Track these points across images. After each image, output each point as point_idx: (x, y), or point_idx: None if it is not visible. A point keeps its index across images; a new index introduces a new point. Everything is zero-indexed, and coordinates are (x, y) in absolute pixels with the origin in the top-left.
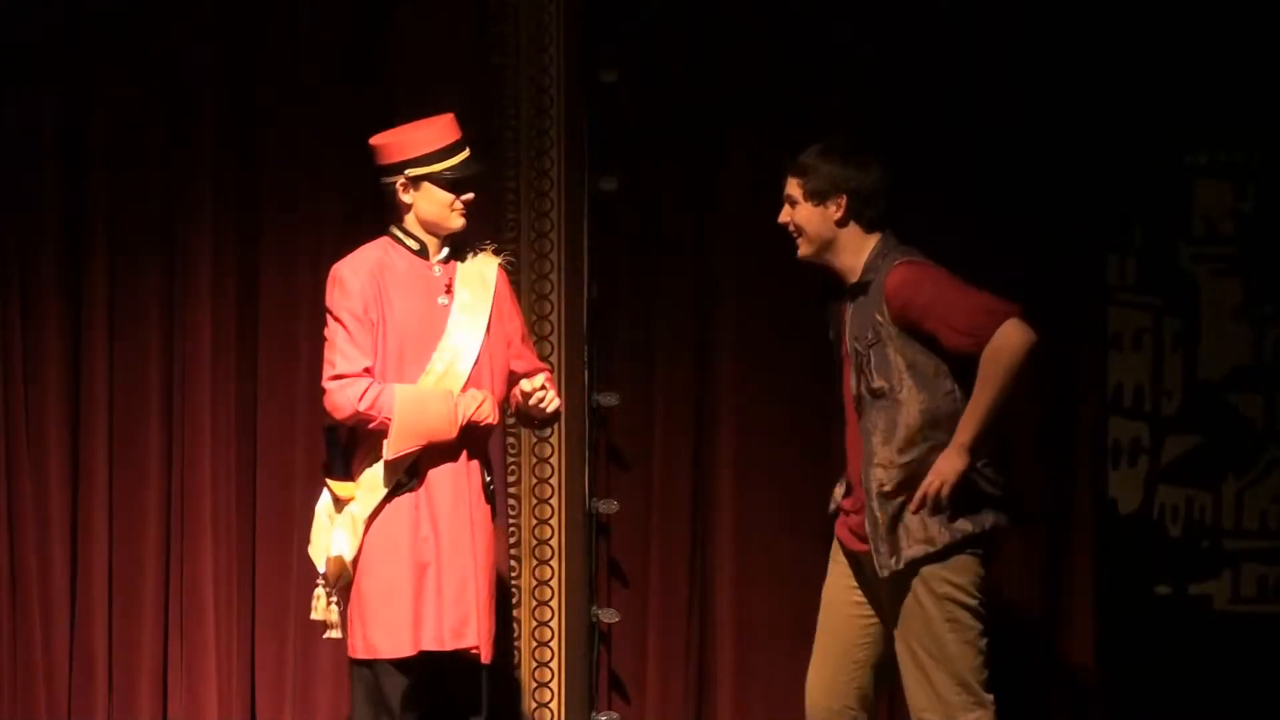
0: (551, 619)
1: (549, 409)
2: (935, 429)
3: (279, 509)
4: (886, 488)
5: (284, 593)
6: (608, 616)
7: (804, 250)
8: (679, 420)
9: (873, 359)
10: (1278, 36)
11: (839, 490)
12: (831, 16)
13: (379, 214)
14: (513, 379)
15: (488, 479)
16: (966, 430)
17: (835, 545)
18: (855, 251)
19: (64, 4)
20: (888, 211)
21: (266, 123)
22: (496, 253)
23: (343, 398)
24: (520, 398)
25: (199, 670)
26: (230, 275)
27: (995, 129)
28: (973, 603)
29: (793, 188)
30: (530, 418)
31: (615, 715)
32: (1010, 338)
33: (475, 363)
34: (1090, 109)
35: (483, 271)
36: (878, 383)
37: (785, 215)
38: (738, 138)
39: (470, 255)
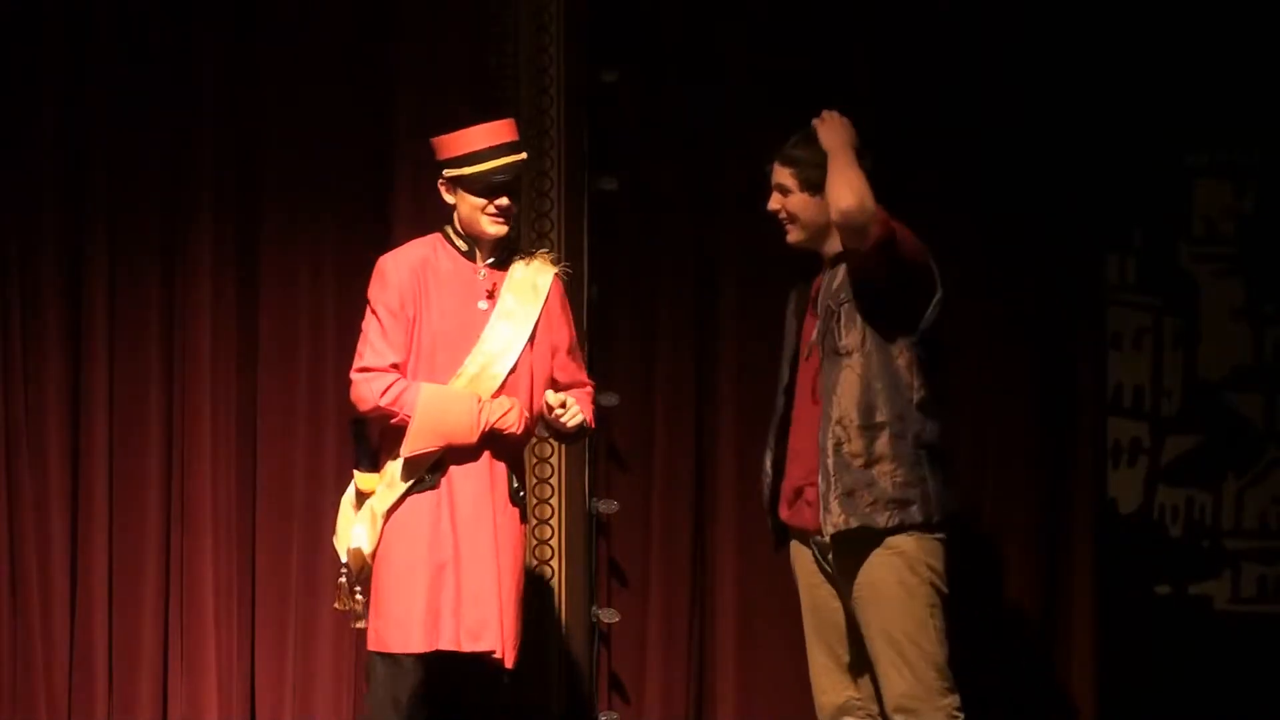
0: (551, 619)
1: (570, 424)
2: (898, 396)
3: (279, 509)
4: (846, 447)
5: (284, 592)
6: (608, 616)
7: (795, 237)
8: (679, 420)
9: (842, 316)
10: (1278, 36)
11: (770, 475)
12: (831, 16)
13: (379, 214)
14: (554, 389)
15: (515, 484)
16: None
17: (795, 538)
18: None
19: (64, 4)
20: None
21: (266, 123)
22: (555, 262)
23: (367, 390)
24: (545, 410)
25: (199, 670)
26: (230, 275)
27: (995, 129)
28: (946, 591)
29: (785, 177)
30: (556, 431)
31: (615, 715)
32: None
33: (513, 370)
34: (1090, 109)
35: (536, 280)
36: (844, 340)
37: (776, 203)
38: (738, 137)
39: (525, 263)
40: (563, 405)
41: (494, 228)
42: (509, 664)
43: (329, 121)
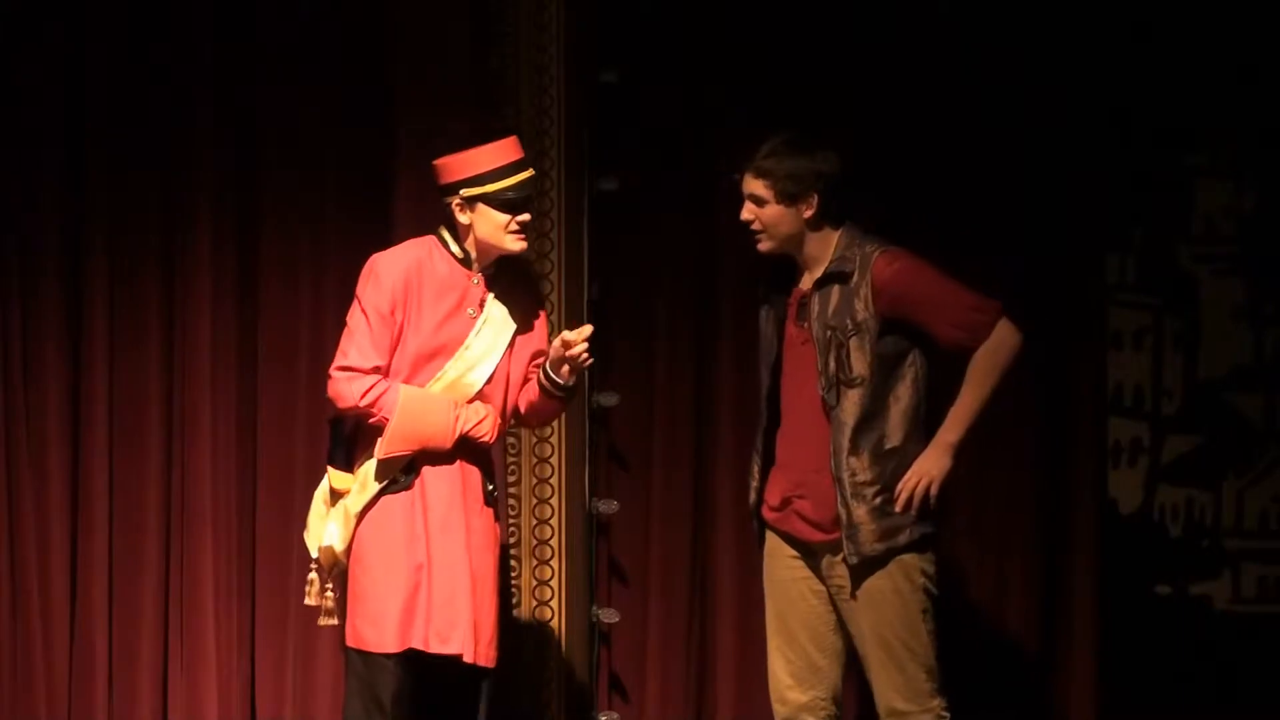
0: (551, 619)
1: (584, 362)
2: (905, 420)
3: (279, 509)
4: (860, 477)
5: (284, 592)
6: (608, 616)
7: (767, 246)
8: (679, 420)
9: (850, 348)
10: (1277, 36)
11: (758, 479)
12: (831, 16)
13: (379, 214)
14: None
15: (490, 487)
16: (955, 430)
17: (774, 538)
18: (820, 243)
19: (64, 4)
20: (849, 202)
21: (266, 122)
22: (537, 275)
23: (347, 389)
24: (560, 347)
25: (199, 670)
26: (230, 276)
27: (996, 129)
28: (937, 594)
29: (758, 188)
30: (561, 376)
31: (615, 715)
32: (1005, 340)
33: (490, 379)
34: (1090, 109)
35: (519, 290)
36: (856, 371)
37: (749, 213)
38: (738, 138)
39: (514, 274)
40: (586, 342)
41: (516, 244)
42: (483, 662)
43: (329, 121)
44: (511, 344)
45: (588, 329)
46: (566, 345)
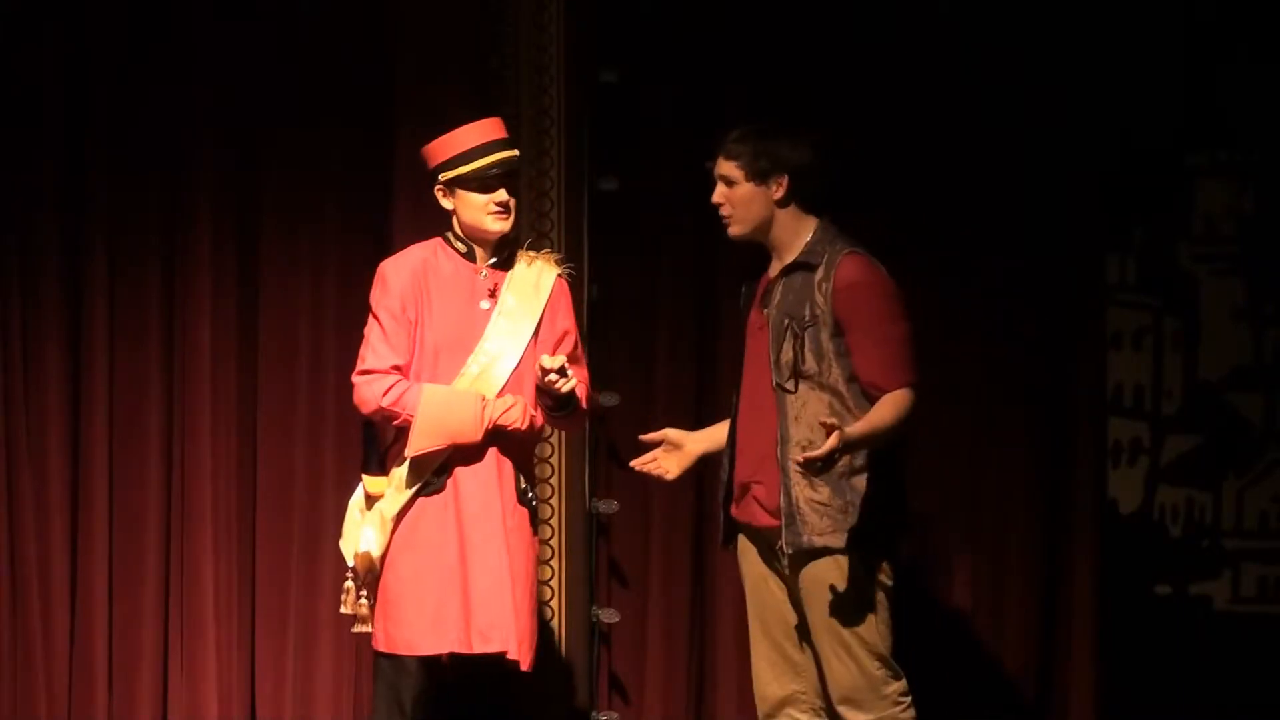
0: (551, 619)
1: (563, 389)
2: (853, 415)
3: (279, 509)
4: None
5: (284, 592)
6: (608, 616)
7: (737, 230)
8: (679, 420)
9: (807, 340)
10: (1278, 36)
11: (728, 471)
12: (831, 16)
13: (379, 214)
14: None
15: (524, 485)
16: (858, 434)
17: (743, 536)
18: (791, 229)
19: (64, 4)
20: (826, 193)
21: (266, 123)
22: (559, 263)
23: (369, 392)
24: (537, 372)
25: (199, 670)
26: (230, 276)
27: (996, 128)
28: (889, 583)
29: (728, 169)
30: (548, 400)
31: (615, 715)
32: (905, 401)
33: (515, 369)
34: (1090, 109)
35: (539, 279)
36: (808, 364)
37: (720, 195)
38: None
39: (528, 262)
40: (559, 371)
41: (498, 224)
42: (525, 666)
43: (329, 121)
44: (536, 334)
45: (560, 359)
46: (542, 370)
